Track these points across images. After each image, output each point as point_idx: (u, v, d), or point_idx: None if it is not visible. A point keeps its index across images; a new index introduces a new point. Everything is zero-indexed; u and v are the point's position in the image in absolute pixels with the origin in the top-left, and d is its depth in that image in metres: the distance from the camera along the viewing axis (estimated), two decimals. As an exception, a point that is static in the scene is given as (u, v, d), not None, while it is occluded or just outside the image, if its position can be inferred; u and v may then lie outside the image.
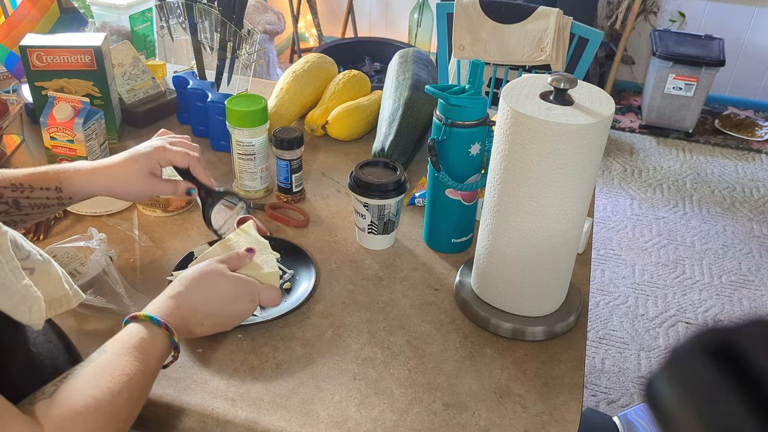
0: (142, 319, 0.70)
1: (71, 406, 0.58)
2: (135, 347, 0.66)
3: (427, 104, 1.25)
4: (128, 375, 0.63)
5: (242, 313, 0.80)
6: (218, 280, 0.78)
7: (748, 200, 2.81)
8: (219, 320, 0.78)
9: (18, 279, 0.58)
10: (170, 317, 0.72)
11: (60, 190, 0.83)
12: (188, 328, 0.75)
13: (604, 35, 2.19)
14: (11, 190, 0.81)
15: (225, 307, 0.78)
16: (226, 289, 0.78)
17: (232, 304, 0.78)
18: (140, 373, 0.65)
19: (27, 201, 0.82)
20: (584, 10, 3.09)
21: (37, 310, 0.59)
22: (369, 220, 1.01)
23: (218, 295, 0.77)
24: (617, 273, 2.37)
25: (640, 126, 3.30)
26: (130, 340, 0.67)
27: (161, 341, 0.69)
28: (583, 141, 0.76)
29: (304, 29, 3.81)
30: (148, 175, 0.88)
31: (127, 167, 0.87)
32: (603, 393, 1.92)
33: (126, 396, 0.62)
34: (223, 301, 0.77)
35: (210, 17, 1.32)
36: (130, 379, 0.63)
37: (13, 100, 1.27)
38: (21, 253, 0.61)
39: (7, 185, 0.81)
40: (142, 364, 0.65)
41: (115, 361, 0.64)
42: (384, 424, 0.76)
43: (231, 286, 0.78)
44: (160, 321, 0.70)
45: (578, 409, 0.79)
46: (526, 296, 0.88)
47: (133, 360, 0.65)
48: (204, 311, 0.76)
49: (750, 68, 3.41)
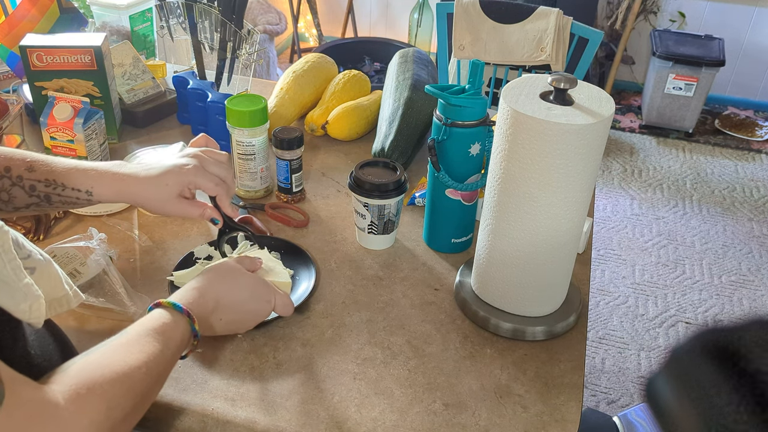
0: (166, 305, 0.71)
1: (88, 376, 0.58)
2: (156, 330, 0.67)
3: (427, 104, 1.25)
4: (147, 353, 0.64)
5: (258, 312, 0.82)
6: (240, 275, 0.81)
7: (748, 200, 2.81)
8: (236, 317, 0.80)
9: (19, 277, 0.58)
10: (192, 306, 0.73)
11: (91, 194, 0.83)
12: (208, 321, 0.76)
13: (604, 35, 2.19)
14: (45, 185, 0.82)
15: (244, 303, 0.80)
16: (247, 285, 0.81)
17: (251, 302, 0.80)
18: (159, 353, 0.65)
19: (58, 198, 0.83)
20: (584, 10, 3.09)
21: (37, 309, 0.59)
22: (369, 220, 1.01)
23: (240, 290, 0.79)
24: (617, 273, 2.37)
25: (640, 126, 3.30)
26: (151, 323, 0.68)
27: (182, 327, 0.71)
28: (583, 141, 0.76)
29: (304, 29, 3.81)
30: (177, 198, 0.85)
31: (158, 186, 0.84)
32: (603, 393, 1.92)
33: (144, 371, 0.62)
34: (244, 296, 0.80)
35: (210, 17, 1.32)
36: (149, 357, 0.64)
37: (13, 100, 1.27)
38: (22, 253, 0.61)
39: (41, 179, 0.81)
40: (161, 345, 0.66)
41: (135, 339, 0.65)
42: (384, 424, 0.76)
43: (251, 283, 0.81)
44: (182, 308, 0.71)
45: (578, 409, 0.79)
46: (526, 296, 0.88)
47: (153, 341, 0.66)
48: (225, 304, 0.78)
49: (750, 68, 3.41)
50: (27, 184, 0.81)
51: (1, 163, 0.80)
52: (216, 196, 0.88)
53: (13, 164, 0.80)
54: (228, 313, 0.78)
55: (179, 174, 0.85)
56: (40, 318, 0.60)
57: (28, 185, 0.81)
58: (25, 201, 0.81)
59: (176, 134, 1.35)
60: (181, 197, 0.86)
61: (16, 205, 0.82)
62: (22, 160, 0.81)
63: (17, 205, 0.82)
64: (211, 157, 0.88)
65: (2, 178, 0.80)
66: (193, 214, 0.88)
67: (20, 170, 0.80)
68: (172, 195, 0.85)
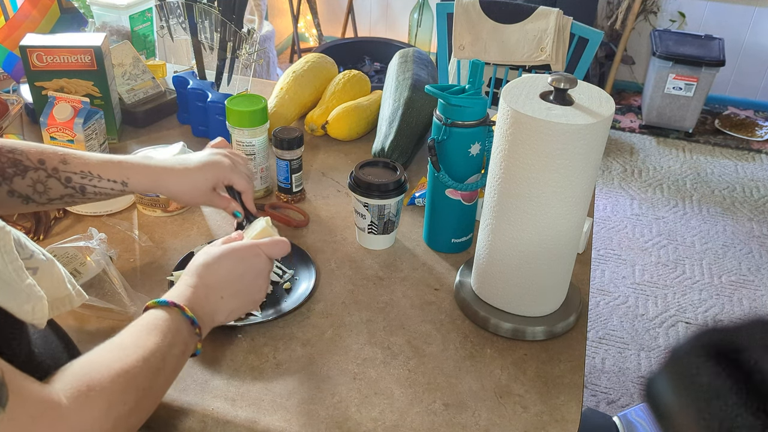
0: (153, 305, 0.71)
1: (88, 374, 0.59)
2: (149, 325, 0.67)
3: (427, 104, 1.25)
4: (143, 347, 0.64)
5: (258, 270, 0.79)
6: (218, 251, 0.78)
7: (748, 200, 2.81)
8: (235, 288, 0.77)
9: (22, 278, 0.58)
10: (180, 299, 0.71)
11: (126, 185, 0.87)
12: (209, 308, 0.74)
13: (604, 35, 2.19)
14: (80, 177, 0.84)
15: (236, 270, 0.77)
16: (228, 254, 0.77)
17: (241, 265, 0.77)
18: (155, 346, 0.65)
19: (93, 189, 0.85)
20: (584, 10, 3.09)
21: (40, 310, 0.59)
22: (369, 220, 1.01)
23: (222, 263, 0.77)
24: (617, 273, 2.37)
25: (640, 126, 3.30)
26: (144, 321, 0.68)
27: (175, 318, 0.69)
28: (583, 141, 0.76)
29: (304, 29, 3.81)
30: (210, 189, 0.92)
31: (197, 178, 0.90)
32: (603, 393, 1.92)
33: (142, 365, 0.62)
34: (231, 265, 0.77)
35: (210, 17, 1.32)
36: (146, 351, 0.64)
37: (13, 100, 1.27)
38: (24, 253, 0.61)
39: (76, 171, 0.84)
40: (156, 338, 0.65)
41: (130, 337, 0.65)
42: (384, 424, 0.76)
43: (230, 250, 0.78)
44: (167, 301, 0.70)
45: (578, 409, 0.79)
46: (526, 296, 0.88)
47: (147, 335, 0.65)
48: (217, 283, 0.75)
49: (750, 68, 3.41)
50: (63, 176, 0.83)
51: (34, 156, 0.82)
52: (243, 192, 0.95)
53: (46, 157, 0.83)
54: (224, 289, 0.76)
55: (218, 168, 0.92)
56: (43, 319, 0.59)
57: (64, 177, 0.83)
58: (60, 192, 0.83)
59: (176, 134, 1.35)
60: (213, 190, 0.93)
61: (51, 197, 0.84)
62: (54, 153, 0.83)
63: (51, 197, 0.84)
64: (237, 158, 0.96)
65: (38, 171, 0.82)
66: (220, 206, 0.95)
67: (55, 163, 0.83)
68: (208, 187, 0.91)
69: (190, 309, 0.71)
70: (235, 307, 0.77)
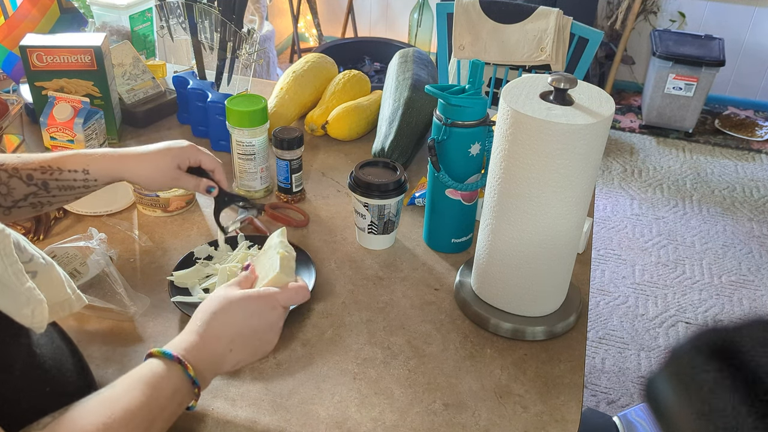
0: (156, 354, 0.66)
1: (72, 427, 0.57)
2: (144, 381, 0.63)
3: (427, 104, 1.25)
4: (130, 410, 0.60)
5: (271, 323, 0.73)
6: (231, 300, 0.72)
7: (748, 200, 2.81)
8: (249, 341, 0.72)
9: (21, 281, 0.57)
10: (188, 351, 0.67)
11: (87, 172, 0.86)
12: (215, 359, 0.70)
13: (604, 35, 2.19)
14: (41, 172, 0.84)
15: (248, 322, 0.71)
16: (241, 304, 0.72)
17: (255, 319, 0.72)
18: (144, 407, 0.61)
19: (55, 183, 0.85)
20: (584, 10, 3.09)
21: (40, 313, 0.58)
22: (369, 220, 1.01)
23: (236, 313, 0.71)
24: (617, 273, 2.37)
25: (640, 126, 3.30)
26: (140, 373, 0.64)
27: (175, 375, 0.65)
28: (583, 141, 0.76)
29: (304, 29, 3.81)
30: (176, 169, 0.92)
31: (161, 158, 0.91)
32: (603, 393, 1.92)
33: (128, 424, 0.59)
34: (243, 317, 0.71)
35: (210, 17, 1.32)
36: (132, 414, 0.60)
37: (13, 100, 1.27)
38: (24, 256, 0.60)
39: (36, 167, 0.84)
40: (147, 398, 0.62)
41: (122, 394, 0.62)
42: (384, 424, 0.76)
43: (245, 301, 0.73)
44: (172, 354, 0.66)
45: (578, 409, 0.79)
46: (526, 296, 0.88)
47: (140, 395, 0.62)
48: (228, 335, 0.70)
49: (750, 68, 3.41)
50: (24, 173, 0.83)
51: None
52: (213, 170, 0.95)
53: (5, 159, 0.84)
54: (235, 341, 0.71)
55: (180, 149, 0.93)
56: (42, 322, 0.59)
57: (25, 174, 0.83)
58: (24, 191, 0.83)
59: (176, 134, 1.35)
60: (179, 169, 0.93)
61: (15, 198, 0.83)
62: (12, 155, 0.84)
63: (16, 198, 0.83)
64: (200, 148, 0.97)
65: None
66: (189, 185, 0.94)
67: (14, 162, 0.83)
68: (172, 167, 0.92)
69: (194, 362, 0.66)
70: (242, 358, 0.72)
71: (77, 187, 0.87)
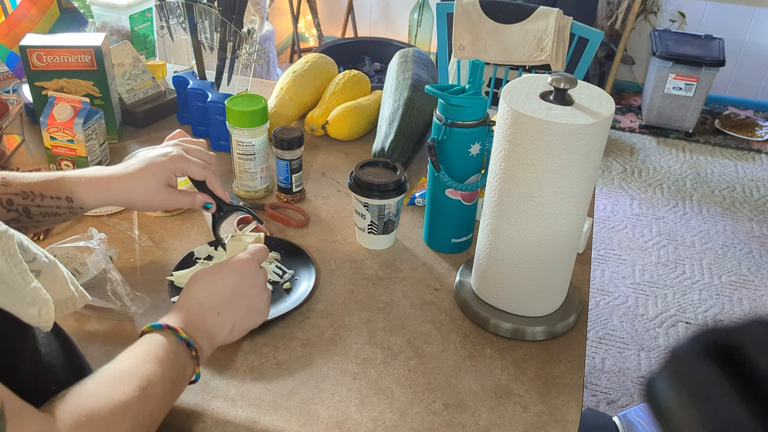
0: (148, 330, 0.69)
1: (87, 405, 0.58)
2: (143, 352, 0.66)
3: (427, 104, 1.25)
4: (140, 376, 0.63)
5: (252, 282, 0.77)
6: (204, 270, 0.76)
7: (748, 200, 2.81)
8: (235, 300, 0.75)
9: (27, 281, 0.57)
10: (173, 321, 0.70)
11: (71, 200, 0.81)
12: (205, 325, 0.72)
13: (604, 35, 2.19)
14: (22, 198, 0.79)
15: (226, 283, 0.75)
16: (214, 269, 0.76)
17: (232, 279, 0.75)
18: (152, 374, 0.64)
19: (37, 209, 0.80)
20: (584, 10, 3.09)
21: (46, 313, 0.58)
22: (369, 220, 1.01)
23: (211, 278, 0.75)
24: (617, 273, 2.37)
25: (640, 126, 3.30)
26: (138, 348, 0.67)
27: (170, 341, 0.68)
28: (583, 141, 0.76)
29: (304, 29, 3.81)
30: (165, 187, 0.86)
31: (143, 179, 0.84)
32: (603, 393, 1.92)
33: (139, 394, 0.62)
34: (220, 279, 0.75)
35: (210, 17, 1.32)
36: (143, 380, 0.63)
37: (13, 100, 1.27)
38: (27, 256, 0.60)
39: (18, 192, 0.79)
40: (154, 365, 0.65)
41: (126, 366, 0.64)
42: (384, 424, 0.76)
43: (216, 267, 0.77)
44: (161, 324, 0.69)
45: (578, 409, 0.79)
46: (526, 296, 0.88)
47: (144, 363, 0.64)
48: (210, 299, 0.74)
49: (750, 68, 3.41)
50: (4, 198, 0.78)
51: None
52: (205, 180, 0.88)
53: None
54: (219, 303, 0.74)
55: (164, 162, 0.85)
56: (49, 322, 0.59)
57: (5, 200, 0.78)
58: (4, 217, 0.78)
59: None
60: (169, 187, 0.86)
61: None
62: None
63: None
64: (190, 144, 0.90)
65: None
66: (183, 203, 0.88)
67: None
68: (160, 185, 0.85)
69: (185, 330, 0.69)
70: (236, 320, 0.75)
71: (61, 214, 0.82)
